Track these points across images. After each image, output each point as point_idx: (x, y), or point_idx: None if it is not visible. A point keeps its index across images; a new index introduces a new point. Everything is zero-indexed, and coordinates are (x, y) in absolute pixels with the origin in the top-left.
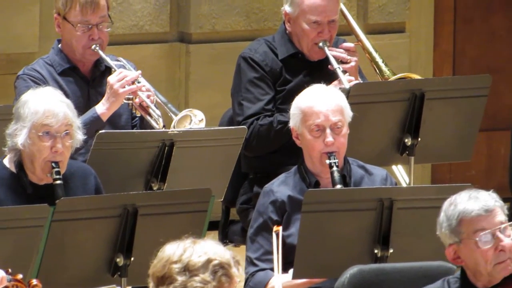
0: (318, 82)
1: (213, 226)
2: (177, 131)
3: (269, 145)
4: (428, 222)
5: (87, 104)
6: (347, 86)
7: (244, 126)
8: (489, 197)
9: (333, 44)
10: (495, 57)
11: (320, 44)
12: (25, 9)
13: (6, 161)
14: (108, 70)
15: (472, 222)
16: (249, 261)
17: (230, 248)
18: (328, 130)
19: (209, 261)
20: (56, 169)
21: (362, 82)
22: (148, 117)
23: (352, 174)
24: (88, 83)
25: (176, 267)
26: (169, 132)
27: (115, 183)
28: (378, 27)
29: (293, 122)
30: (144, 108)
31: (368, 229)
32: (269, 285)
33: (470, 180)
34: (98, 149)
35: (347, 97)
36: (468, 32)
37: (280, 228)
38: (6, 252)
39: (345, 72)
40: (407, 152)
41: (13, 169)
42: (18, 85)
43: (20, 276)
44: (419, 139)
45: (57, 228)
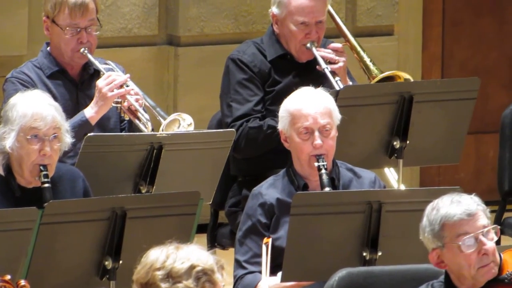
0: (307, 83)
1: (201, 229)
2: (165, 134)
3: (258, 148)
4: (416, 225)
5: (76, 107)
6: (337, 87)
7: (232, 129)
8: (471, 200)
9: (321, 46)
10: (483, 60)
11: (308, 44)
12: (14, 12)
13: None
14: (97, 73)
15: (455, 226)
16: (238, 264)
17: (218, 251)
18: (316, 133)
19: (192, 267)
20: (45, 172)
21: (351, 84)
22: (137, 121)
23: (340, 177)
24: (77, 86)
25: (159, 274)
26: (158, 135)
27: (103, 186)
28: (366, 30)
29: (281, 125)
30: (133, 112)
31: (357, 232)
32: None
33: (459, 182)
34: (86, 152)
35: (336, 100)
36: (456, 34)
37: (270, 240)
38: None
39: (333, 73)
40: (395, 154)
41: (1, 172)
42: (7, 88)
43: (8, 277)
44: (407, 141)
45: (46, 231)
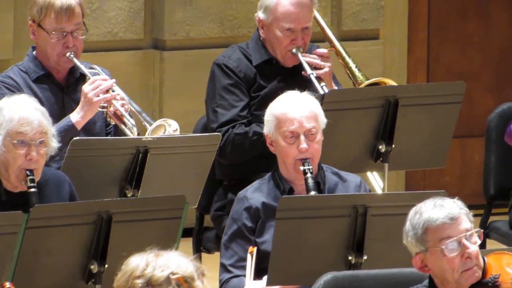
0: (292, 88)
1: (187, 233)
2: (151, 138)
3: (243, 155)
4: (402, 229)
5: (62, 111)
6: (321, 92)
7: (218, 133)
8: (454, 204)
9: (307, 50)
10: (469, 64)
11: (294, 50)
12: None
13: None
14: (83, 77)
15: (438, 230)
16: (223, 268)
17: (204, 255)
18: (302, 137)
19: (172, 275)
20: (31, 177)
21: (337, 88)
22: (122, 126)
23: (326, 181)
24: (63, 90)
25: (139, 282)
26: (143, 139)
27: (89, 190)
28: (352, 34)
29: (267, 129)
30: (119, 117)
31: (342, 235)
32: None
33: (444, 186)
34: (72, 156)
35: (321, 104)
36: (442, 38)
37: (255, 249)
38: None
39: (319, 78)
40: (381, 158)
41: None
42: None
43: None
44: (393, 145)
45: (31, 235)
